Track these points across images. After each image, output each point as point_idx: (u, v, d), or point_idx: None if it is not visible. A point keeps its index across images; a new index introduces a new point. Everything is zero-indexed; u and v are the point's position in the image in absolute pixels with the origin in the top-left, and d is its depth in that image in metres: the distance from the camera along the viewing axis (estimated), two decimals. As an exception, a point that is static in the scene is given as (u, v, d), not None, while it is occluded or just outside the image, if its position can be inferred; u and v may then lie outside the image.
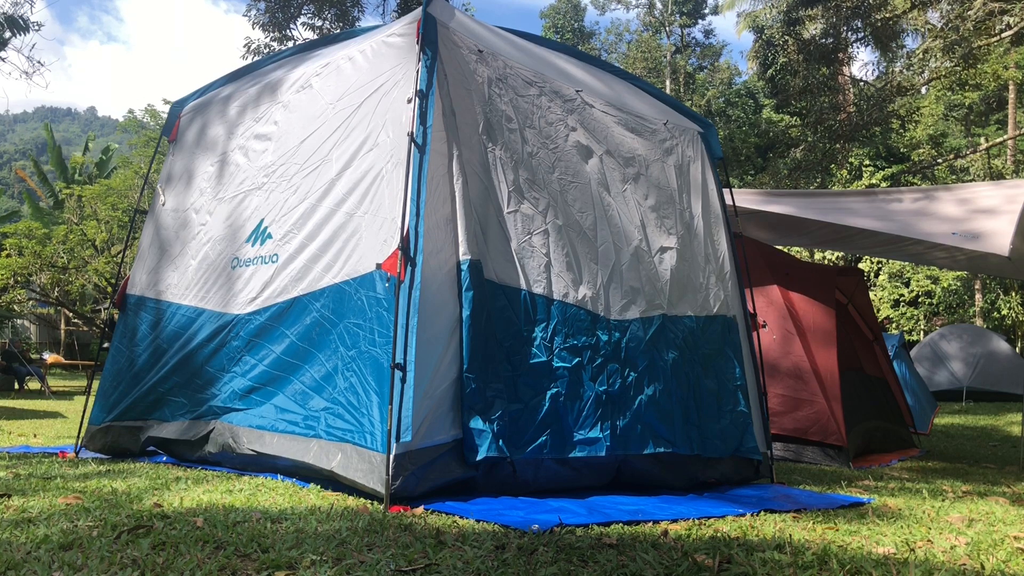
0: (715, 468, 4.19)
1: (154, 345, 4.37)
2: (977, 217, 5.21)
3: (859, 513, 3.30)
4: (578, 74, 4.33)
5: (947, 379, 14.50)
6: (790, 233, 6.66)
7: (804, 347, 6.17)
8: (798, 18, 15.90)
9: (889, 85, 17.74)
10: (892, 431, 7.25)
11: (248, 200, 4.17)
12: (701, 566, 2.16)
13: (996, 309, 21.06)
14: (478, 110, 3.63)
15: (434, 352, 3.17)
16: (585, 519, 2.78)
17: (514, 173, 3.68)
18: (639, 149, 4.36)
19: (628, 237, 4.08)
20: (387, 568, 2.02)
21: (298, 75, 4.24)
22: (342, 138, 3.77)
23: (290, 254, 3.80)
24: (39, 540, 2.19)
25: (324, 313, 3.55)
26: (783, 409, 6.00)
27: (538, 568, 2.09)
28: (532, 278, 3.58)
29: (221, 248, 4.22)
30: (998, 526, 3.04)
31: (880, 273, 21.59)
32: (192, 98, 4.89)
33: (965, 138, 26.22)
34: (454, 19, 3.74)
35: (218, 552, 2.11)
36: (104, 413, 4.48)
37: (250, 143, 4.32)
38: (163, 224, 4.67)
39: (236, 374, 3.90)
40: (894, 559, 2.31)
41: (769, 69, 19.85)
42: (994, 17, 14.70)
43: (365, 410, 3.20)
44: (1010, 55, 19.50)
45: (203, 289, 4.23)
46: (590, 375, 3.66)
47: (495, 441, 3.20)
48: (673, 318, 4.19)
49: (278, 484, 3.39)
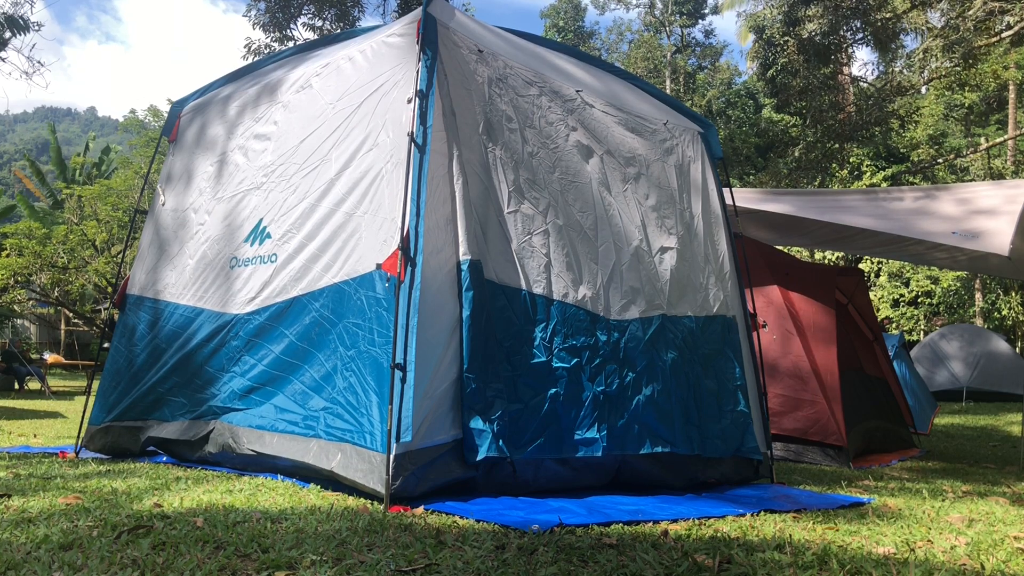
0: (715, 468, 4.19)
1: (152, 345, 4.37)
2: (977, 217, 5.20)
3: (859, 513, 3.30)
4: (578, 74, 4.33)
5: (947, 379, 14.49)
6: (790, 233, 6.66)
7: (804, 347, 6.18)
8: (798, 18, 15.88)
9: (889, 85, 17.75)
10: (892, 431, 7.25)
11: (247, 200, 4.17)
12: (701, 566, 2.16)
13: (996, 309, 21.06)
14: (478, 110, 3.63)
15: (434, 352, 3.17)
16: (585, 519, 2.78)
17: (514, 173, 3.68)
18: (639, 149, 4.35)
19: (628, 237, 4.08)
20: (387, 568, 2.02)
21: (298, 75, 4.24)
22: (341, 138, 3.76)
23: (289, 254, 3.80)
24: (39, 540, 2.19)
25: (323, 313, 3.55)
26: (783, 409, 6.00)
27: (538, 568, 2.09)
28: (532, 278, 3.58)
29: (219, 248, 4.22)
30: (998, 526, 3.04)
31: (880, 273, 21.60)
32: (192, 98, 4.89)
33: (965, 138, 26.21)
34: (454, 19, 3.74)
35: (218, 552, 2.11)
36: (104, 413, 4.48)
37: (249, 143, 4.32)
38: (162, 224, 4.67)
39: (236, 374, 3.90)
40: (894, 559, 2.31)
41: (769, 70, 19.85)
42: (994, 17, 14.70)
43: (365, 410, 3.20)
44: (1010, 55, 19.48)
45: (201, 288, 4.23)
46: (588, 375, 3.66)
47: (495, 441, 3.20)
48: (673, 318, 4.19)
49: (278, 484, 3.39)
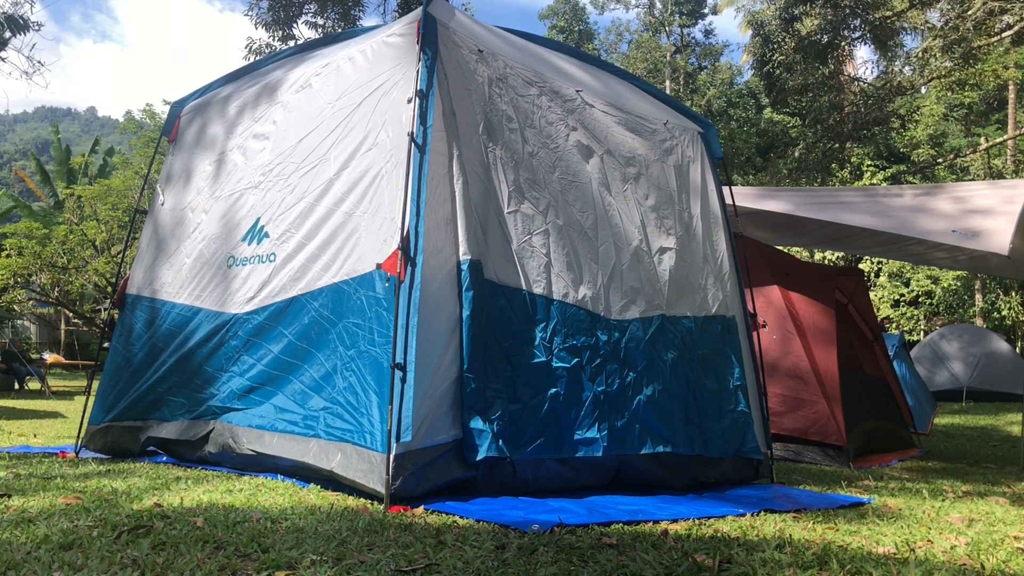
0: (715, 468, 4.19)
1: (150, 344, 4.36)
2: (976, 216, 5.20)
3: (859, 513, 3.30)
4: (578, 74, 4.33)
5: (947, 379, 14.49)
6: (790, 233, 6.66)
7: (804, 347, 6.17)
8: (796, 16, 15.87)
9: (889, 84, 17.73)
10: (892, 431, 7.25)
11: (244, 198, 4.16)
12: (701, 566, 2.16)
13: (996, 309, 21.06)
14: (478, 110, 3.63)
15: (434, 352, 3.17)
16: (585, 519, 2.78)
17: (514, 173, 3.68)
18: (639, 149, 4.35)
19: (628, 237, 4.08)
20: (387, 568, 2.02)
21: (298, 75, 4.24)
22: (340, 137, 3.76)
23: (288, 253, 3.80)
24: (39, 540, 2.19)
25: (323, 312, 3.55)
26: (783, 409, 6.00)
27: (538, 568, 2.09)
28: (532, 278, 3.58)
29: (216, 246, 4.22)
30: (998, 526, 3.04)
31: (880, 273, 21.59)
32: (192, 98, 4.89)
33: (965, 138, 26.21)
34: (454, 19, 3.74)
35: (218, 552, 2.11)
36: (103, 413, 4.48)
37: (248, 142, 4.31)
38: (160, 223, 4.67)
39: (235, 374, 3.90)
40: (894, 559, 2.31)
41: (766, 66, 19.83)
42: (994, 17, 14.69)
43: (364, 410, 3.20)
44: (1010, 55, 19.48)
45: (198, 287, 4.23)
46: (589, 375, 3.66)
47: (495, 441, 3.20)
48: (672, 318, 4.18)
49: (278, 484, 3.39)
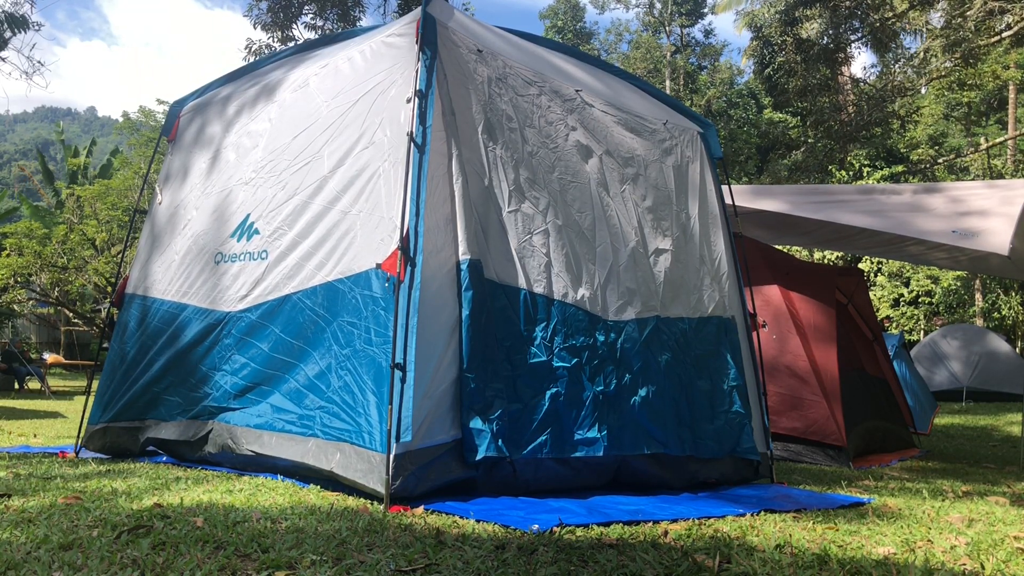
0: (714, 468, 4.18)
1: (140, 341, 4.36)
2: (975, 217, 5.20)
3: (859, 513, 3.30)
4: (578, 74, 4.33)
5: (947, 379, 14.49)
6: (788, 233, 6.66)
7: (804, 347, 6.17)
8: (796, 18, 15.86)
9: (889, 85, 17.73)
10: (892, 431, 7.25)
11: (234, 195, 4.16)
12: (701, 566, 2.16)
13: (996, 309, 21.05)
14: (478, 110, 3.63)
15: (434, 352, 3.17)
16: (585, 519, 2.77)
17: (514, 172, 3.67)
18: (638, 149, 4.35)
19: (625, 238, 4.07)
20: (387, 568, 2.02)
21: (297, 76, 4.23)
22: (335, 135, 3.75)
23: (281, 251, 3.79)
24: (39, 540, 2.19)
25: (317, 311, 3.54)
26: (783, 409, 6.00)
27: (538, 568, 2.09)
28: (532, 278, 3.58)
29: (204, 242, 4.21)
30: (998, 526, 3.04)
31: (880, 273, 21.58)
32: (191, 98, 4.89)
33: (965, 138, 26.20)
34: (453, 19, 3.74)
35: (218, 552, 2.11)
36: (101, 412, 4.47)
37: (242, 140, 4.31)
38: (157, 222, 4.67)
39: (230, 372, 3.89)
40: (894, 559, 2.31)
41: (767, 68, 19.83)
42: (994, 17, 14.69)
43: (362, 409, 3.19)
44: (1010, 55, 19.48)
45: (185, 283, 4.23)
46: (588, 375, 3.66)
47: (495, 441, 3.20)
48: (667, 320, 4.18)
49: (278, 484, 3.39)
